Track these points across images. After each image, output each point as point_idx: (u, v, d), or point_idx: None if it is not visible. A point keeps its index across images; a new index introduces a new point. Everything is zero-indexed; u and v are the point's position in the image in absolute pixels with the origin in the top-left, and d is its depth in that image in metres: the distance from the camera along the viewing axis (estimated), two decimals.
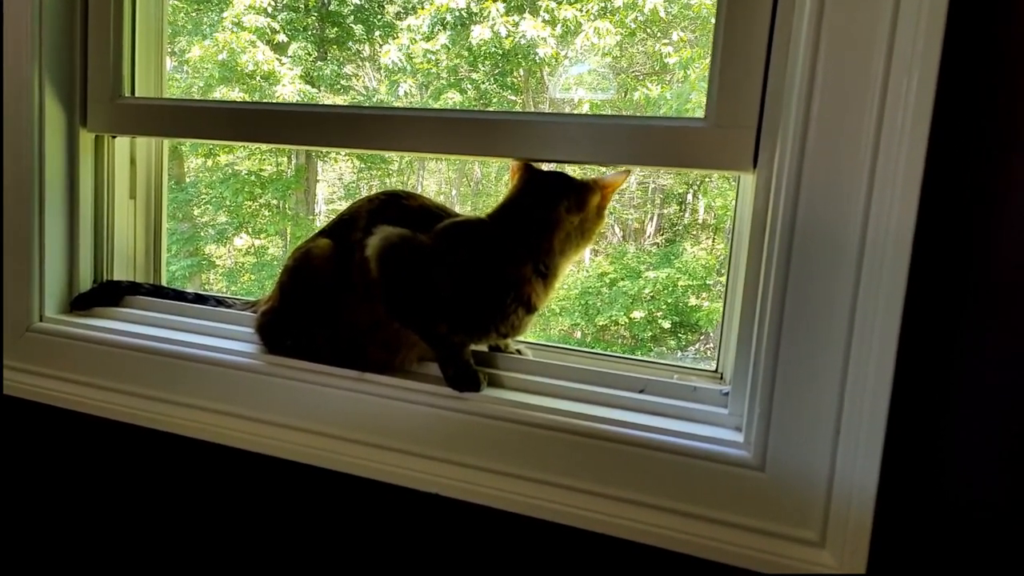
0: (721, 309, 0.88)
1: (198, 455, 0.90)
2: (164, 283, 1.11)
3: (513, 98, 3.37)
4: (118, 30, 0.98)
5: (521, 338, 0.88)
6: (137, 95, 1.02)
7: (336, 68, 3.73)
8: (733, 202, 0.88)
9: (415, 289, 0.79)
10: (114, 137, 1.03)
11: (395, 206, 0.84)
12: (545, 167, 0.85)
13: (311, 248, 0.86)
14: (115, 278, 1.06)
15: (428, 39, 3.25)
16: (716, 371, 0.86)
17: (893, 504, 0.65)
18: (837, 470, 0.66)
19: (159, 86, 1.06)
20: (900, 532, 0.67)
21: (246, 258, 3.91)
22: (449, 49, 3.25)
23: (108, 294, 1.03)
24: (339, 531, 0.87)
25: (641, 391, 0.81)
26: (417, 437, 0.80)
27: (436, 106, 3.28)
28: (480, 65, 3.31)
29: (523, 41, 3.05)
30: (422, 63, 3.30)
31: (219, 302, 1.01)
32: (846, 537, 0.65)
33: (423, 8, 3.26)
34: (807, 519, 0.67)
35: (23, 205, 0.96)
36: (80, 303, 1.02)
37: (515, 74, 3.36)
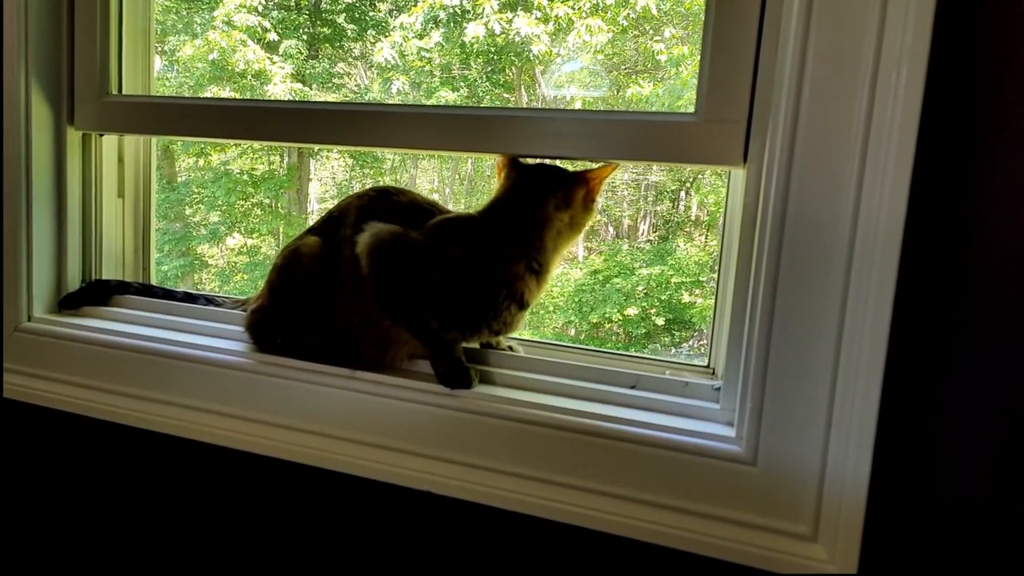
0: (713, 305, 0.88)
1: (188, 455, 0.90)
2: (153, 282, 1.11)
3: (507, 96, 3.37)
4: (104, 27, 0.97)
5: (513, 335, 0.88)
6: (124, 93, 1.01)
7: (328, 67, 3.72)
8: (725, 197, 0.88)
9: (406, 286, 0.78)
10: (101, 135, 1.02)
11: (385, 202, 0.84)
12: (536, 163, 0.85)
13: (300, 246, 0.86)
14: (104, 277, 1.05)
15: (421, 37, 3.24)
16: (708, 366, 0.86)
17: (885, 497, 0.66)
18: (829, 464, 0.66)
19: (147, 84, 1.05)
20: (892, 525, 0.67)
21: (239, 257, 3.90)
22: (443, 47, 3.24)
23: (96, 293, 1.02)
24: (330, 529, 0.87)
25: (633, 387, 0.81)
26: (408, 435, 0.80)
27: (428, 103, 3.28)
28: (473, 63, 3.31)
29: (516, 38, 3.04)
30: (415, 61, 3.29)
31: (209, 301, 1.01)
32: (838, 531, 0.65)
33: (416, 6, 3.25)
34: (799, 513, 0.68)
35: (10, 204, 0.95)
36: (68, 303, 1.01)
37: (508, 72, 3.36)
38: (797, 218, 0.65)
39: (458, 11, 3.15)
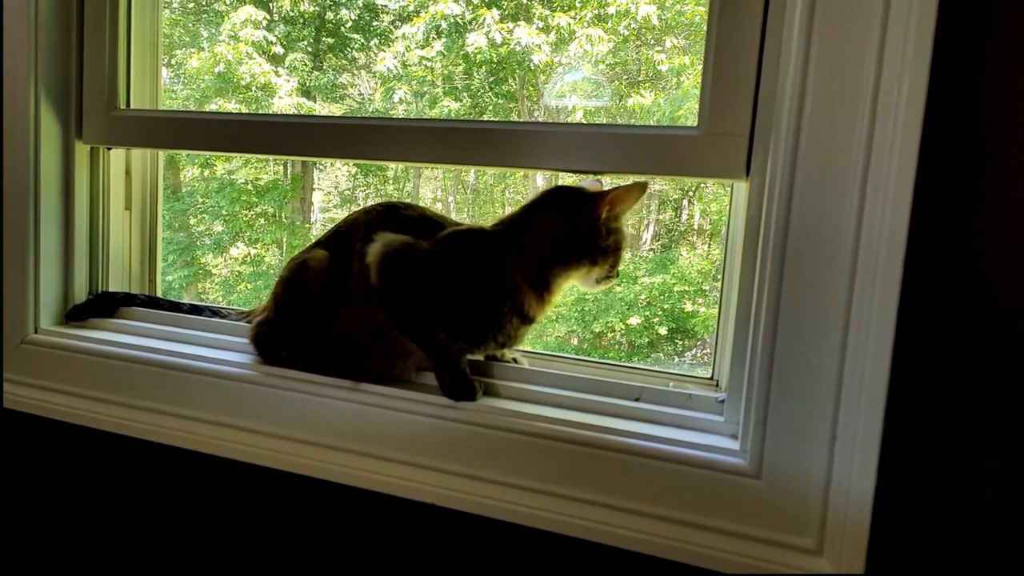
0: (716, 317, 0.88)
1: (193, 467, 0.90)
2: (160, 294, 1.11)
3: (510, 106, 3.38)
4: (113, 42, 0.99)
5: (517, 347, 0.88)
6: (132, 107, 1.02)
7: (332, 78, 3.74)
8: (728, 207, 0.89)
9: (415, 295, 0.79)
10: (109, 148, 1.03)
11: (394, 217, 0.84)
12: (555, 177, 0.85)
13: (307, 259, 0.86)
14: (110, 289, 1.06)
15: (423, 47, 3.26)
16: (712, 378, 0.86)
17: (890, 511, 0.65)
18: (833, 477, 0.66)
19: (154, 98, 1.06)
20: (897, 539, 0.67)
21: (243, 267, 3.91)
22: (444, 56, 3.26)
23: (103, 305, 1.03)
24: (335, 542, 0.87)
25: (637, 399, 0.81)
26: (413, 447, 0.80)
27: (432, 114, 3.29)
28: (475, 73, 3.33)
29: (517, 48, 3.06)
30: (417, 71, 3.31)
31: (214, 312, 1.01)
32: (843, 544, 0.65)
33: (419, 16, 3.28)
34: (804, 526, 0.67)
35: (18, 216, 0.96)
36: (75, 314, 1.01)
37: (510, 82, 3.37)
38: (800, 231, 0.66)
39: (459, 21, 3.18)
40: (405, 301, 0.79)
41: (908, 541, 0.67)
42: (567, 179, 0.86)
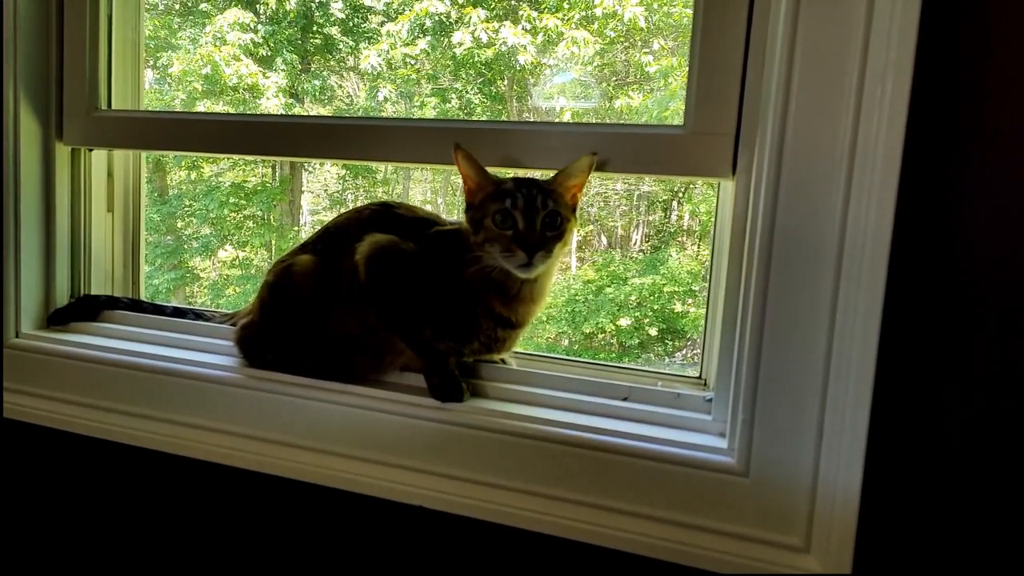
0: (704, 316, 0.88)
1: (178, 471, 0.89)
2: (143, 297, 1.10)
3: (498, 107, 3.38)
4: (94, 42, 0.97)
5: (507, 350, 0.87)
6: (114, 107, 1.01)
7: (321, 81, 3.72)
8: (715, 209, 0.89)
9: (401, 294, 0.79)
10: (90, 150, 1.02)
11: (387, 216, 0.84)
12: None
13: (293, 264, 0.86)
14: (93, 292, 1.05)
15: (407, 44, 3.25)
16: (700, 377, 0.86)
17: (877, 508, 0.65)
18: (821, 475, 0.66)
19: (137, 98, 1.05)
20: (884, 535, 0.67)
21: (231, 270, 3.88)
22: (429, 54, 3.25)
23: (85, 309, 1.02)
24: (322, 545, 0.86)
25: (625, 399, 0.81)
26: (400, 449, 0.80)
27: (420, 114, 3.28)
28: (463, 74, 3.32)
29: (504, 48, 3.06)
30: (403, 70, 3.30)
31: (198, 315, 1.00)
32: (830, 542, 0.65)
33: (403, 15, 3.26)
34: (792, 524, 0.67)
35: None
36: (57, 318, 1.00)
37: (498, 84, 3.37)
38: (786, 230, 0.66)
39: (444, 19, 3.17)
40: (392, 299, 0.79)
41: (895, 538, 0.67)
42: None
